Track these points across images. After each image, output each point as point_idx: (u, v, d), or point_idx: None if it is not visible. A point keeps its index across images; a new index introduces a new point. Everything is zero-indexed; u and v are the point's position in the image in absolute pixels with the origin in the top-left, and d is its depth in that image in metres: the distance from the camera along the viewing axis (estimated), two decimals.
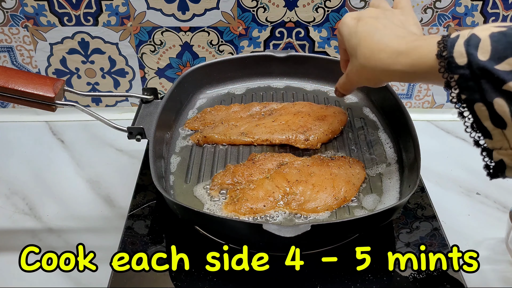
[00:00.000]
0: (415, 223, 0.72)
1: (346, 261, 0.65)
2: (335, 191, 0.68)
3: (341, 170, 0.71)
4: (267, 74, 0.94)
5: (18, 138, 1.03)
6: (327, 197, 0.67)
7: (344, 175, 0.70)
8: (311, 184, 0.68)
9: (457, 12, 0.98)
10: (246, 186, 0.69)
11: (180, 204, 0.62)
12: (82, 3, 0.96)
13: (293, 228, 0.56)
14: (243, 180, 0.70)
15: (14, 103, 0.71)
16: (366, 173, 0.73)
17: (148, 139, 0.72)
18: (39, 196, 0.87)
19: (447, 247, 0.68)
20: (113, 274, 0.64)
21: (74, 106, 0.73)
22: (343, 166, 0.71)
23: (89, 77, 1.06)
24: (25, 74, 0.71)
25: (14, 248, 0.77)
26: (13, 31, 0.99)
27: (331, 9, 0.98)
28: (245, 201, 0.66)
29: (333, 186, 0.68)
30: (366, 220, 0.61)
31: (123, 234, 0.70)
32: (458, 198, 0.87)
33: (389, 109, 0.83)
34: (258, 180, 0.70)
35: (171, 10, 0.97)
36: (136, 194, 0.77)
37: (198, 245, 0.69)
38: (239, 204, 0.66)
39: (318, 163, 0.72)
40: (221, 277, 0.64)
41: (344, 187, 0.68)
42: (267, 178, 0.70)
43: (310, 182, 0.69)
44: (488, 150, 0.49)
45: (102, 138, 1.03)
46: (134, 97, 0.83)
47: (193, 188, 0.72)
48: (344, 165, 0.72)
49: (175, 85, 0.83)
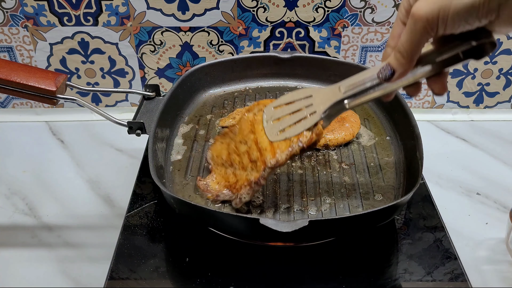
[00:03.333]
0: (417, 234, 0.72)
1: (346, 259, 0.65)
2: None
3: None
4: (270, 75, 0.94)
5: (18, 138, 1.03)
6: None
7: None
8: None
9: None
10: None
11: (177, 198, 0.62)
12: (82, 3, 0.96)
13: (290, 223, 0.56)
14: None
15: (16, 96, 0.71)
16: (370, 175, 0.73)
17: (148, 134, 0.72)
18: (39, 196, 0.87)
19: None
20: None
21: (75, 101, 0.73)
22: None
23: (89, 77, 1.06)
24: (28, 67, 0.71)
25: (14, 248, 0.77)
26: (13, 31, 0.99)
27: (331, 9, 0.98)
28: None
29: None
30: (365, 217, 0.61)
31: (120, 233, 0.70)
32: (458, 198, 0.87)
33: (392, 109, 0.83)
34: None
35: (171, 10, 0.97)
36: (136, 193, 0.77)
37: (198, 245, 0.69)
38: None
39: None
40: (220, 274, 0.64)
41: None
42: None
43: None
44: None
45: (101, 138, 1.03)
46: (136, 93, 0.83)
47: (193, 184, 0.72)
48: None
49: (178, 83, 0.83)
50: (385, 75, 0.52)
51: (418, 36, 0.48)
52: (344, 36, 1.01)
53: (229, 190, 0.66)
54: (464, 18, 0.45)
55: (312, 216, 0.67)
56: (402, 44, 0.49)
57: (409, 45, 0.49)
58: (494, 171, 0.94)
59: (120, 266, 0.65)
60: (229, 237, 0.68)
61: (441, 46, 0.51)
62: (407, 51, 0.49)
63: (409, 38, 0.48)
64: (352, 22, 0.99)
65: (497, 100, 1.09)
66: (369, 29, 1.00)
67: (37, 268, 0.74)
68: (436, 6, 0.45)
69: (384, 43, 1.02)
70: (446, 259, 0.66)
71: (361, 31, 1.00)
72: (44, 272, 0.73)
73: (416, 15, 0.46)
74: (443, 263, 0.66)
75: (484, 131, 1.05)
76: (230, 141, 0.67)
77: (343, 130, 0.79)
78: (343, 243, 0.68)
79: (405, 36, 0.49)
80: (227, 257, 0.67)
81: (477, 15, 0.44)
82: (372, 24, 0.99)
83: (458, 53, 0.51)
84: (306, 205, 0.68)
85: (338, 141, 0.78)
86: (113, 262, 0.65)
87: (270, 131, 0.62)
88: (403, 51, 0.50)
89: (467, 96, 1.09)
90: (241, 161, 0.64)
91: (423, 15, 0.46)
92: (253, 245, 0.67)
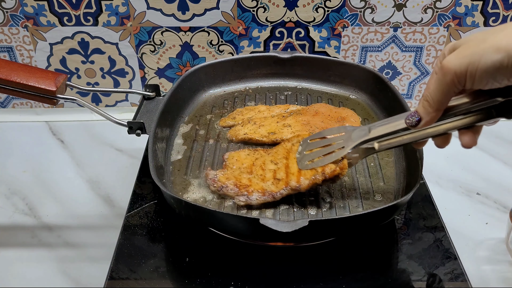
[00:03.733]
0: (417, 234, 0.72)
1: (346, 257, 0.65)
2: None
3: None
4: (270, 75, 0.94)
5: (18, 138, 1.03)
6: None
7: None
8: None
9: (457, 12, 0.98)
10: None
11: (177, 198, 0.62)
12: (82, 3, 0.96)
13: (290, 223, 0.56)
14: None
15: (16, 96, 0.72)
16: (370, 175, 0.73)
17: (148, 134, 0.72)
18: (39, 196, 0.87)
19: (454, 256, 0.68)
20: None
21: (75, 101, 0.73)
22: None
23: (89, 77, 1.06)
24: (27, 67, 0.71)
25: (14, 248, 0.77)
26: (13, 31, 0.99)
27: (331, 9, 0.98)
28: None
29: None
30: (365, 217, 0.61)
31: (120, 233, 0.70)
32: (458, 198, 0.87)
33: (391, 109, 0.83)
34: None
35: (171, 10, 0.97)
36: (136, 193, 0.77)
37: (198, 245, 0.69)
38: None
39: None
40: (220, 274, 0.64)
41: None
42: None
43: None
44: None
45: (101, 138, 1.03)
46: (136, 93, 0.83)
47: (193, 184, 0.72)
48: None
49: (178, 83, 0.83)
50: (412, 122, 0.54)
51: (446, 88, 0.50)
52: (344, 36, 1.01)
53: (236, 187, 0.67)
54: (492, 76, 0.46)
55: (312, 216, 0.67)
56: (430, 93, 0.51)
57: (437, 95, 0.51)
58: (494, 171, 0.94)
59: (120, 266, 0.65)
60: (229, 237, 0.68)
61: (473, 100, 0.53)
62: (434, 101, 0.51)
63: (437, 88, 0.50)
64: (352, 22, 0.99)
65: None
66: (369, 29, 1.00)
67: (37, 268, 0.74)
68: (466, 61, 0.47)
69: (384, 43, 1.02)
70: (446, 259, 0.66)
71: (361, 31, 1.00)
72: (44, 272, 0.73)
73: (445, 68, 0.48)
74: (443, 263, 0.66)
75: (484, 131, 1.04)
76: (259, 156, 0.73)
77: None
78: (343, 243, 0.68)
79: (433, 85, 0.51)
80: (227, 257, 0.67)
81: (505, 74, 0.46)
82: (372, 24, 1.00)
83: (492, 110, 0.53)
84: (306, 205, 0.68)
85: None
86: (113, 262, 0.65)
87: (300, 160, 0.68)
88: (430, 100, 0.52)
89: None
90: (264, 175, 0.69)
91: (451, 68, 0.48)
92: (253, 245, 0.67)
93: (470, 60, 0.46)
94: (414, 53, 1.03)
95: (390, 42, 1.02)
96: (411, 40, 1.02)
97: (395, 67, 1.05)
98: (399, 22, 0.99)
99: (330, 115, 0.82)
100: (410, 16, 0.98)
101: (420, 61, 1.05)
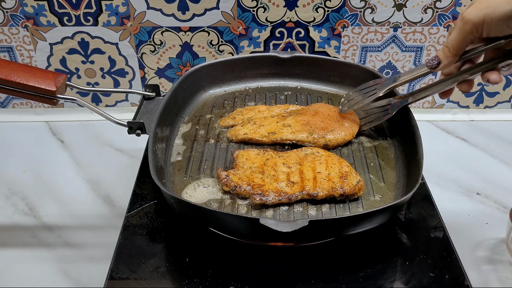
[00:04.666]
0: (417, 234, 0.72)
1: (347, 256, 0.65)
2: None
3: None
4: (270, 75, 0.94)
5: (18, 138, 1.03)
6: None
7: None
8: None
9: (457, 12, 0.98)
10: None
11: (177, 198, 0.62)
12: (82, 3, 0.96)
13: (290, 223, 0.56)
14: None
15: (16, 96, 0.71)
16: (370, 175, 0.73)
17: (148, 134, 0.72)
18: (39, 196, 0.87)
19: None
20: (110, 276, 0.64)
21: (75, 101, 0.73)
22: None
23: (89, 77, 1.06)
24: (27, 67, 0.71)
25: (14, 248, 0.77)
26: (13, 31, 0.99)
27: (331, 9, 0.98)
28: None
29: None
30: (365, 217, 0.61)
31: (120, 233, 0.70)
32: (458, 198, 0.87)
33: None
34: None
35: (171, 10, 0.97)
36: (136, 193, 0.77)
37: (198, 245, 0.69)
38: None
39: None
40: (220, 274, 0.64)
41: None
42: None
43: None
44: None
45: (102, 138, 1.03)
46: (136, 93, 0.83)
47: (193, 184, 0.72)
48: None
49: (178, 83, 0.83)
50: (433, 64, 0.65)
51: (464, 36, 0.60)
52: (344, 36, 1.01)
53: (250, 186, 0.67)
54: (506, 23, 0.56)
55: (312, 216, 0.67)
56: (450, 40, 0.62)
57: (456, 42, 0.61)
58: (494, 171, 0.94)
59: (120, 266, 0.65)
60: (229, 237, 0.68)
61: (482, 45, 0.63)
62: (453, 47, 0.62)
63: (457, 36, 0.60)
64: (352, 22, 0.99)
65: (497, 100, 1.09)
66: (369, 29, 1.00)
67: (37, 268, 0.74)
68: (483, 12, 0.57)
69: (384, 43, 1.02)
70: (446, 259, 0.66)
71: (361, 31, 1.00)
72: (44, 272, 0.73)
73: (465, 19, 0.58)
74: (443, 263, 0.66)
75: (484, 131, 1.05)
76: (270, 157, 0.74)
77: (343, 130, 0.79)
78: (343, 243, 0.68)
79: (454, 34, 0.61)
80: (227, 257, 0.67)
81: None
82: (372, 24, 1.00)
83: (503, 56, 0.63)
84: (306, 205, 0.68)
85: (338, 141, 0.78)
86: (113, 262, 0.65)
87: (342, 108, 0.81)
88: (450, 46, 0.62)
89: (467, 96, 1.09)
90: (277, 176, 0.70)
91: (470, 19, 0.58)
92: (253, 245, 0.67)
93: (487, 11, 0.56)
94: (414, 53, 1.04)
95: (390, 42, 1.02)
96: (411, 40, 1.02)
97: (395, 67, 1.05)
98: (399, 22, 0.99)
99: (330, 115, 0.82)
100: (410, 16, 0.99)
101: (420, 61, 1.05)
